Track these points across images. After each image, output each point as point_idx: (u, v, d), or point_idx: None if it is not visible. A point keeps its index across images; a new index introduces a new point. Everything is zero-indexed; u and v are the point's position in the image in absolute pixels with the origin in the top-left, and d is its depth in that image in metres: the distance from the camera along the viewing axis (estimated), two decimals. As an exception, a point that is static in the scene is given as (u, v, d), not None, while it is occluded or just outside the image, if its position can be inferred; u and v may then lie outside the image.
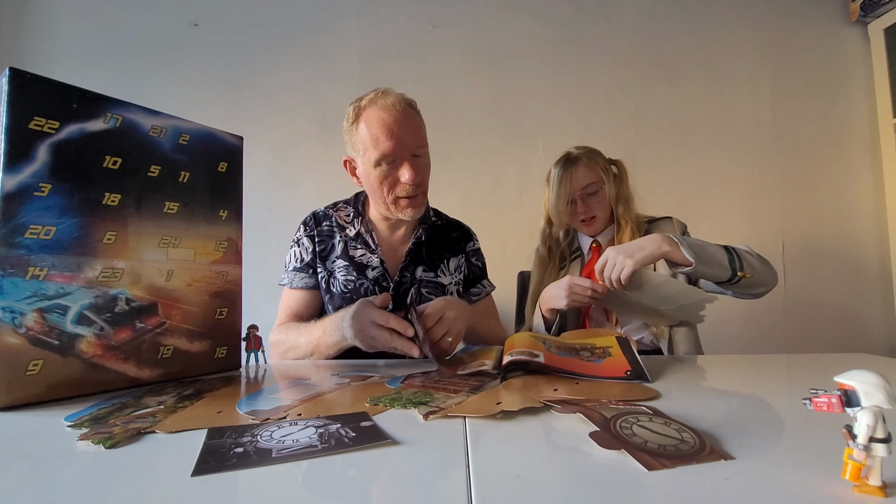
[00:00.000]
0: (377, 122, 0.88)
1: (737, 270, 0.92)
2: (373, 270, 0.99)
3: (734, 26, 1.89)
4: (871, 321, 1.83)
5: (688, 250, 0.88)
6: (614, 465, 0.33)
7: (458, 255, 1.08)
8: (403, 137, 0.89)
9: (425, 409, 0.47)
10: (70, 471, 0.35)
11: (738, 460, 0.33)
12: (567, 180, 1.13)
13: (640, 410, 0.43)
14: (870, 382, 0.27)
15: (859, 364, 0.68)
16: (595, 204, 1.14)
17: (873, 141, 1.84)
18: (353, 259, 1.00)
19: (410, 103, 0.95)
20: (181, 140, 0.67)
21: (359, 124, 0.91)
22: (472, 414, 0.45)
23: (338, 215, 1.05)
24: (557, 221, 1.18)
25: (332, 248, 1.02)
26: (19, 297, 0.51)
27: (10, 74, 0.52)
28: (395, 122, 0.88)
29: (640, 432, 0.37)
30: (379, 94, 0.91)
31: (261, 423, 0.44)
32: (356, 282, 0.98)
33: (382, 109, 0.89)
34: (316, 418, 0.45)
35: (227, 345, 0.72)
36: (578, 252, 1.21)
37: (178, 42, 1.83)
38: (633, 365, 0.62)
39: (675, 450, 0.34)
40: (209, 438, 0.40)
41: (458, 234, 1.11)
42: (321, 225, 1.04)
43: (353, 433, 0.41)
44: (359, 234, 1.02)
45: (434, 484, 0.32)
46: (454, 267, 1.06)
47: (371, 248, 1.01)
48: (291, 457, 0.36)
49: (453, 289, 1.04)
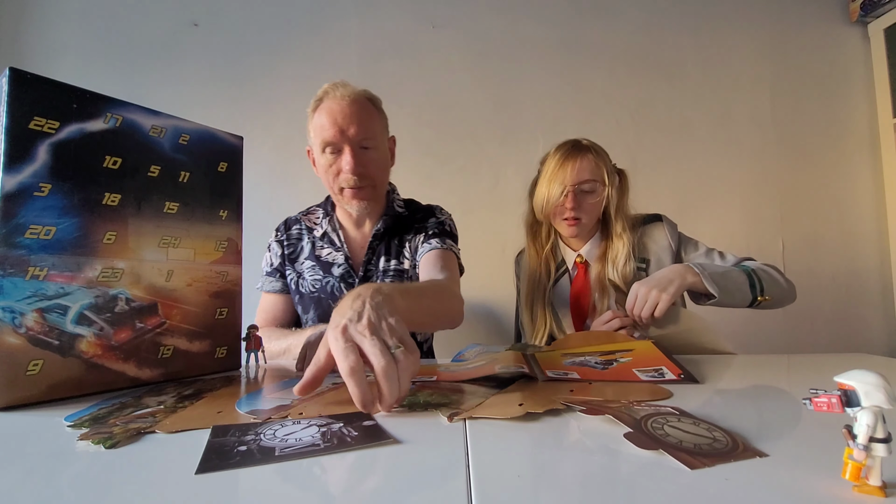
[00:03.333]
0: (326, 111, 0.92)
1: (757, 296, 0.90)
2: (338, 268, 1.00)
3: (734, 26, 1.89)
4: (871, 321, 1.83)
5: (710, 283, 0.87)
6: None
7: (419, 234, 1.03)
8: (347, 127, 0.91)
9: (447, 411, 0.46)
10: (70, 471, 0.35)
11: (738, 460, 0.33)
12: (570, 167, 1.01)
13: (666, 411, 0.43)
14: (870, 382, 0.27)
15: (859, 364, 0.68)
16: (586, 205, 1.03)
17: (873, 141, 1.84)
18: (319, 258, 1.02)
19: (370, 97, 0.97)
20: (181, 140, 0.67)
21: (314, 114, 0.95)
22: (497, 416, 0.44)
23: (307, 219, 1.08)
24: (541, 212, 1.07)
25: (301, 250, 1.05)
26: (19, 297, 0.51)
27: (10, 74, 0.52)
28: (341, 112, 0.91)
29: (672, 432, 0.37)
30: (334, 86, 0.94)
31: (263, 422, 0.44)
32: (323, 280, 1.00)
33: (333, 100, 0.92)
34: (318, 417, 0.45)
35: (227, 345, 0.72)
36: (564, 267, 1.11)
37: (178, 42, 1.83)
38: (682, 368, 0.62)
39: (710, 448, 0.34)
40: (213, 437, 0.40)
41: (422, 214, 1.07)
42: (290, 229, 1.08)
43: (356, 432, 0.41)
44: (325, 234, 1.04)
45: (434, 484, 0.32)
46: (414, 247, 1.02)
47: (336, 246, 1.02)
48: (294, 455, 0.36)
49: (412, 272, 1.02)
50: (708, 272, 0.88)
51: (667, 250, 1.05)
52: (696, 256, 1.06)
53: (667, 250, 1.05)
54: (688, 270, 0.89)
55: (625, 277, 1.01)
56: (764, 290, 0.91)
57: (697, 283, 0.88)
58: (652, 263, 1.05)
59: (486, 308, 1.73)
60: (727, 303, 0.90)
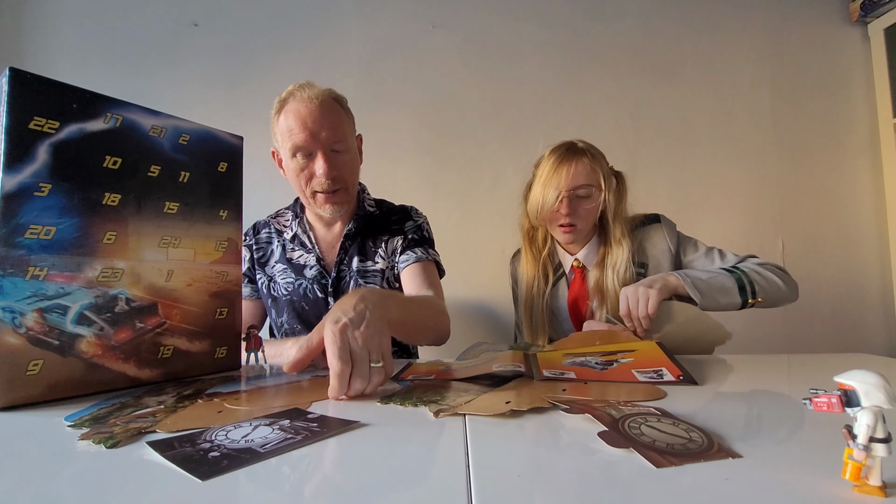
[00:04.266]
0: (293, 114, 0.90)
1: (747, 299, 0.90)
2: (310, 269, 1.00)
3: (734, 26, 1.89)
4: (871, 321, 1.83)
5: (692, 288, 0.87)
6: (621, 463, 0.33)
7: (396, 237, 1.02)
8: (317, 130, 0.89)
9: (435, 407, 0.47)
10: (70, 471, 0.35)
11: (738, 460, 0.33)
12: (565, 171, 0.98)
13: (648, 411, 0.44)
14: (870, 382, 0.27)
15: (859, 364, 0.68)
16: (582, 211, 1.00)
17: (873, 141, 1.84)
18: (290, 261, 1.02)
19: (336, 98, 0.95)
20: (181, 140, 0.67)
21: (279, 116, 0.93)
22: (482, 413, 0.45)
23: (276, 221, 1.07)
24: (536, 218, 1.04)
25: (271, 253, 1.04)
26: (19, 297, 0.51)
27: (10, 74, 0.52)
28: (311, 115, 0.89)
29: (648, 432, 0.38)
30: (299, 87, 0.92)
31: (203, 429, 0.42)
32: (295, 283, 1.00)
33: (300, 102, 0.90)
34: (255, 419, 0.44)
35: (227, 345, 0.72)
36: (561, 270, 1.10)
37: (178, 42, 1.83)
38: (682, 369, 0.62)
39: (683, 448, 0.35)
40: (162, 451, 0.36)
41: (397, 216, 1.06)
42: (259, 233, 1.07)
43: (314, 423, 0.42)
44: (295, 236, 1.03)
45: (434, 483, 0.32)
46: (391, 249, 1.02)
47: (307, 248, 1.01)
48: (277, 451, 0.36)
49: (389, 273, 1.01)
50: (691, 278, 0.89)
51: (666, 254, 1.04)
52: (696, 256, 1.05)
53: (666, 254, 1.04)
54: (670, 275, 0.91)
55: (625, 283, 0.99)
56: (756, 293, 0.90)
57: (680, 287, 0.89)
58: (650, 268, 1.04)
59: (486, 308, 1.73)
60: (714, 307, 0.90)
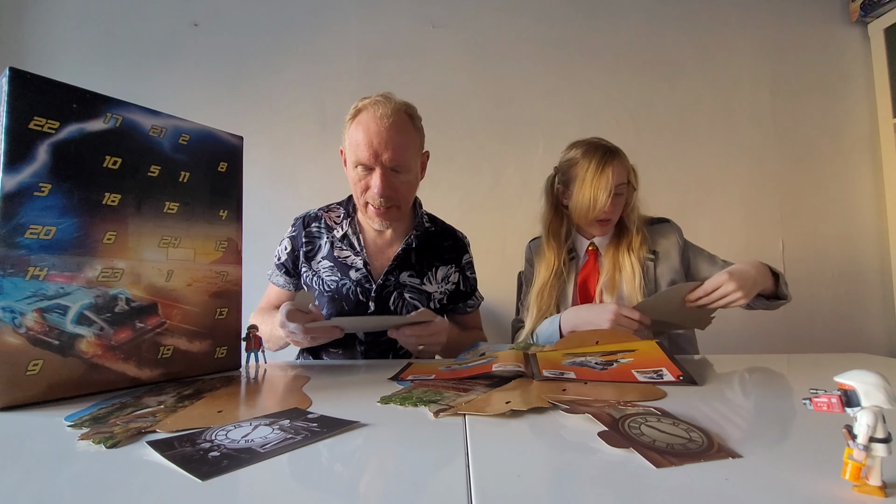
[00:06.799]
0: (363, 128, 0.89)
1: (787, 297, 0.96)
2: (356, 272, 1.00)
3: (734, 26, 1.89)
4: (871, 321, 1.83)
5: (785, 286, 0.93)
6: (621, 463, 0.33)
7: (449, 265, 1.06)
8: (381, 151, 0.89)
9: (435, 407, 0.47)
10: (70, 471, 0.35)
11: (738, 460, 0.33)
12: (610, 172, 1.01)
13: (648, 412, 0.43)
14: (870, 382, 0.27)
15: (859, 364, 0.68)
16: (617, 206, 1.05)
17: (873, 141, 1.84)
18: (337, 259, 1.01)
19: (410, 113, 0.94)
20: (181, 140, 0.67)
21: (351, 124, 0.93)
22: (482, 413, 0.45)
23: (328, 216, 1.07)
24: (585, 217, 1.04)
25: (319, 248, 1.04)
26: (19, 297, 0.51)
27: (10, 74, 0.52)
28: (378, 135, 0.88)
29: (648, 432, 0.38)
30: (376, 102, 0.91)
31: (203, 429, 0.42)
32: (339, 282, 0.99)
33: (371, 118, 0.89)
34: (254, 419, 0.45)
35: (227, 345, 0.72)
36: (573, 254, 1.13)
37: (178, 42, 1.83)
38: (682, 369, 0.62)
39: (683, 448, 0.35)
40: (162, 451, 0.37)
41: (450, 242, 1.09)
42: (310, 226, 1.06)
43: (314, 424, 0.42)
44: (345, 236, 1.03)
45: (434, 483, 0.32)
46: (442, 276, 1.04)
47: (356, 249, 1.01)
48: (277, 451, 0.36)
49: (438, 297, 1.03)
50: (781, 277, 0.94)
51: (675, 245, 1.08)
52: (701, 261, 1.08)
53: (675, 245, 1.08)
54: (769, 274, 0.93)
55: (639, 261, 1.04)
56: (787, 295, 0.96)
57: (771, 287, 0.92)
58: (660, 256, 1.07)
59: (486, 308, 1.73)
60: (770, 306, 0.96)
